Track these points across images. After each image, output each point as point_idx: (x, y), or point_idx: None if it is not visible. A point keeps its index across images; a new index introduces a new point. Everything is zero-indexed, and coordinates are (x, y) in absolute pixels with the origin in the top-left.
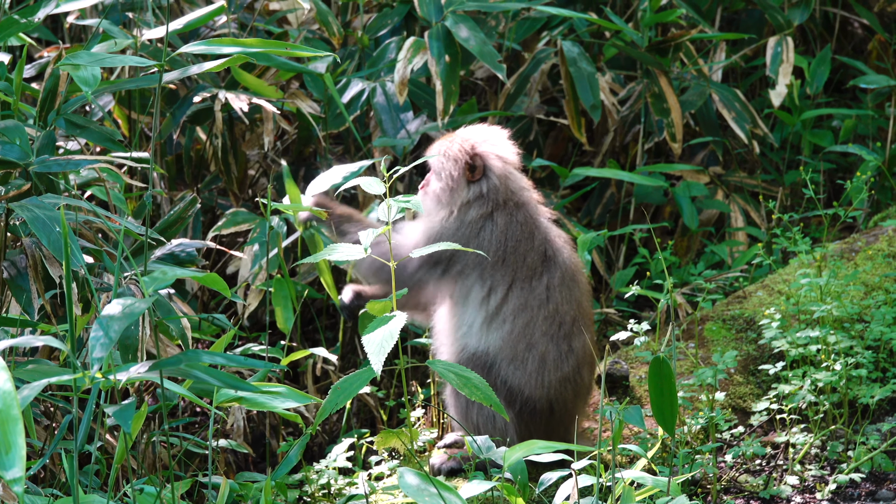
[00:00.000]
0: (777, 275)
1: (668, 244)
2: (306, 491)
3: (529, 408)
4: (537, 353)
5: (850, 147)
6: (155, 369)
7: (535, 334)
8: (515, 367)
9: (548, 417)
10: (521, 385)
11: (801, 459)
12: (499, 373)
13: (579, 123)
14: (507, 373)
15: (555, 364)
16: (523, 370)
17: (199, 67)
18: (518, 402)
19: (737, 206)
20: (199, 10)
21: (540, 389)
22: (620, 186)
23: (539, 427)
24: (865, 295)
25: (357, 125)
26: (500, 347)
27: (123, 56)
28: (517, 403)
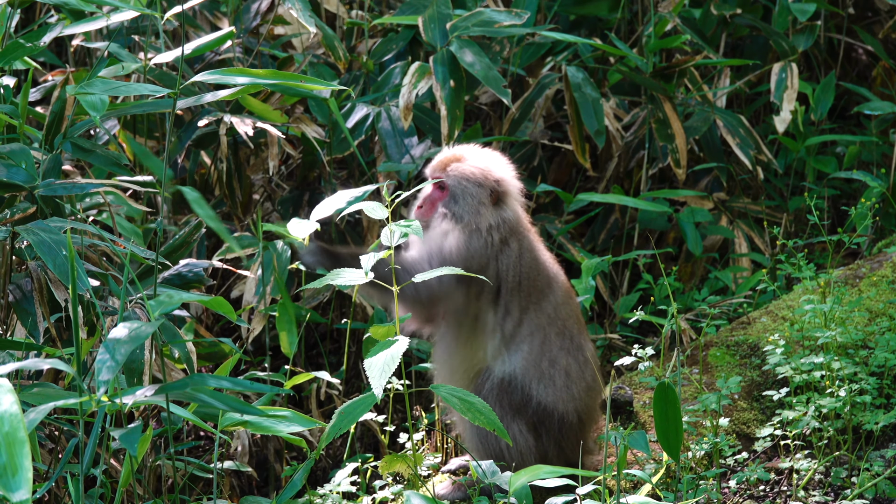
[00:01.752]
0: (781, 301)
1: (672, 270)
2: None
3: (565, 424)
4: (560, 368)
5: (855, 173)
6: (161, 393)
7: (553, 350)
8: (545, 385)
9: (577, 430)
10: (555, 402)
11: (804, 485)
12: (531, 394)
13: (583, 149)
14: (539, 393)
15: (578, 375)
16: (553, 387)
17: (213, 96)
18: (555, 420)
19: (741, 232)
20: (207, 35)
21: (571, 403)
22: (624, 212)
23: (571, 442)
24: (870, 321)
25: (361, 150)
26: (526, 368)
27: (136, 84)
28: (554, 422)
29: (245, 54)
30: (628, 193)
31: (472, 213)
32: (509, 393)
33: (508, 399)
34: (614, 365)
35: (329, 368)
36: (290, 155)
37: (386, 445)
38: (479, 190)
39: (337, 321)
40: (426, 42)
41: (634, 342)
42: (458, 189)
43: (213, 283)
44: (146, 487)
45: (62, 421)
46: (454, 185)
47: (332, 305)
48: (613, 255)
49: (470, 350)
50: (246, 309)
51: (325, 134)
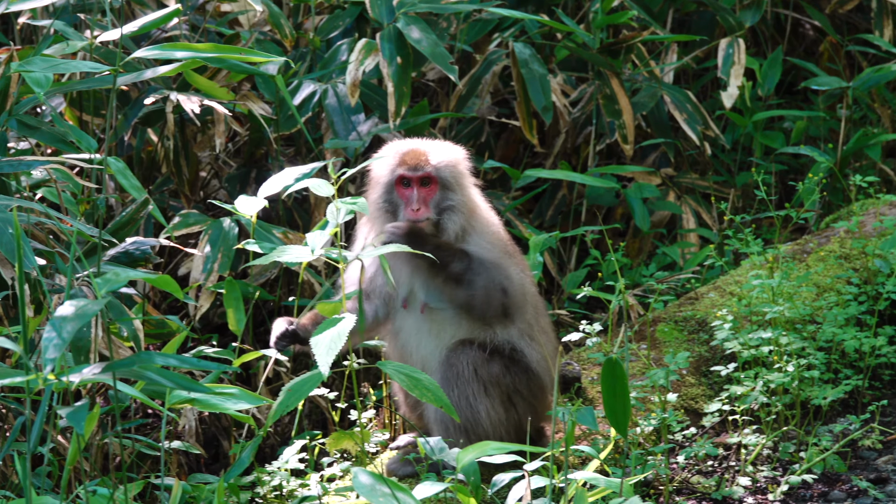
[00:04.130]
0: (729, 276)
1: (619, 246)
2: (258, 493)
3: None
4: (540, 327)
5: (802, 148)
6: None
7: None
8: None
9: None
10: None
11: (753, 460)
12: (524, 357)
13: (531, 125)
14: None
15: (552, 334)
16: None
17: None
18: (539, 382)
19: (688, 208)
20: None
21: (551, 360)
22: (572, 188)
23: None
24: (817, 296)
25: (309, 127)
26: (522, 331)
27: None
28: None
29: (192, 31)
30: (576, 169)
31: (477, 196)
32: (502, 359)
33: (487, 370)
34: (562, 341)
35: None
36: (237, 132)
37: (335, 422)
38: (468, 174)
39: (285, 298)
40: (373, 19)
41: (582, 318)
42: (451, 179)
43: (160, 261)
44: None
45: (9, 399)
46: (447, 176)
47: (279, 282)
48: (561, 231)
49: (472, 323)
50: (193, 286)
51: (272, 111)
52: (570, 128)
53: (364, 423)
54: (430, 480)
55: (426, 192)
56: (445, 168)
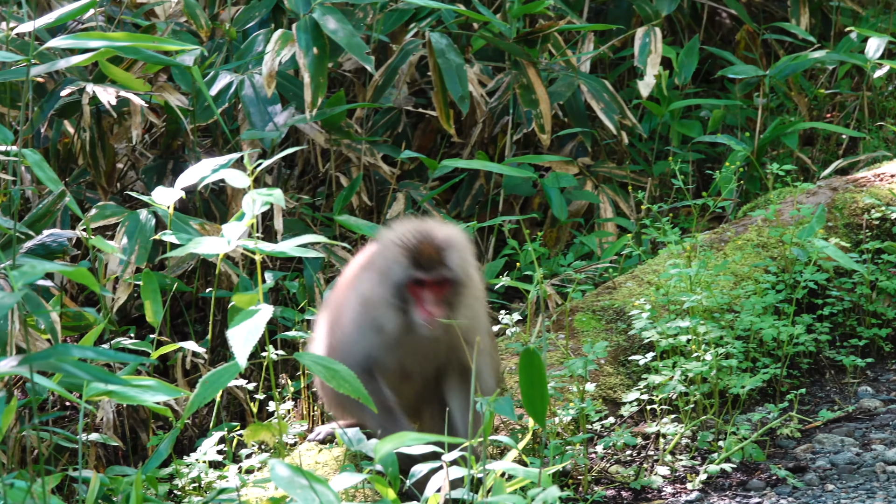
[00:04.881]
0: (647, 265)
1: (537, 235)
2: (177, 485)
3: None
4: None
5: (719, 137)
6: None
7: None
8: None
9: None
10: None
11: (671, 450)
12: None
13: (448, 115)
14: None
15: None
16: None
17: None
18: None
19: (606, 197)
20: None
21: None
22: (489, 178)
23: None
24: (735, 285)
25: (225, 118)
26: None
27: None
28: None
29: (108, 23)
30: (493, 159)
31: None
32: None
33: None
34: None
35: (195, 337)
36: (154, 124)
37: (253, 414)
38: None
39: (202, 290)
40: (289, 9)
41: (500, 308)
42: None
43: (77, 253)
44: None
45: None
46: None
47: (197, 274)
48: (478, 221)
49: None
50: (111, 279)
51: (189, 102)
52: (487, 118)
53: (282, 415)
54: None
55: (440, 291)
56: (460, 268)
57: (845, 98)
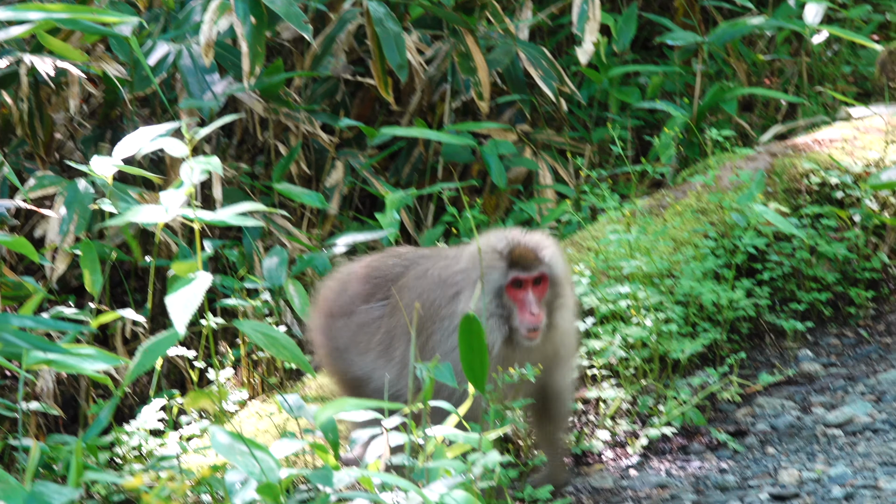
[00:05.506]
0: (586, 231)
1: (476, 202)
2: (118, 452)
3: None
4: None
5: (658, 104)
6: None
7: None
8: None
9: None
10: None
11: (612, 415)
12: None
13: (386, 83)
14: None
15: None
16: None
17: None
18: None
19: (545, 164)
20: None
21: None
22: (428, 146)
23: None
24: (675, 250)
25: (163, 87)
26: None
27: None
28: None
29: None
30: (432, 127)
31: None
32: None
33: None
34: None
35: (134, 306)
36: (92, 94)
37: (193, 382)
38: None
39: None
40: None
41: None
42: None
43: (16, 223)
44: None
45: None
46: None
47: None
48: (417, 189)
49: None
50: (50, 248)
51: (127, 72)
52: (426, 85)
53: (222, 383)
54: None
55: (539, 291)
56: (556, 264)
57: (784, 64)
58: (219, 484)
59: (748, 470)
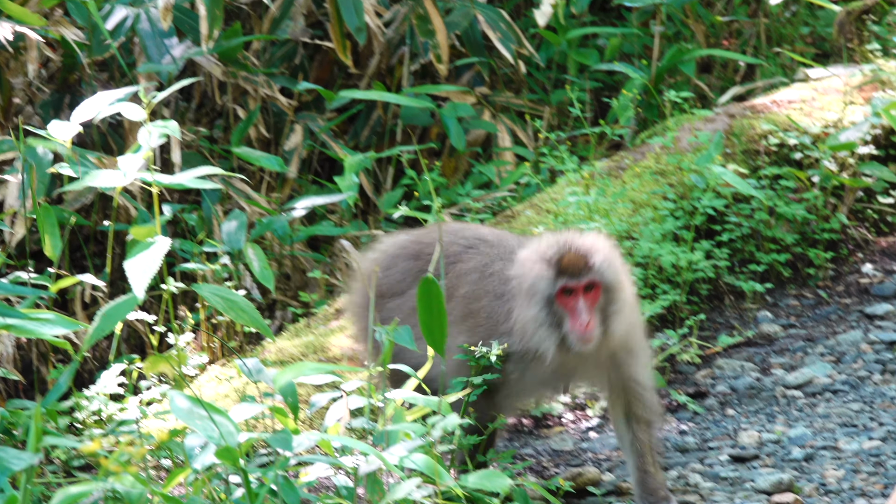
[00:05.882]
0: (545, 193)
1: (435, 165)
2: (77, 417)
3: None
4: None
5: (616, 65)
6: None
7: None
8: None
9: None
10: None
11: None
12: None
13: (344, 46)
14: None
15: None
16: None
17: None
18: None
19: (503, 126)
20: None
21: None
22: (387, 108)
23: None
24: (634, 212)
25: (122, 52)
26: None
27: None
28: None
29: None
30: (390, 90)
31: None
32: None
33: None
34: None
35: (93, 271)
36: (50, 58)
37: (153, 346)
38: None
39: (100, 223)
40: None
41: None
42: (614, 280)
43: None
44: None
45: None
46: (610, 278)
47: (94, 208)
48: (376, 152)
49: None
50: (8, 213)
51: (85, 36)
52: (384, 48)
53: (181, 347)
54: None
55: (591, 298)
56: (608, 270)
57: (742, 25)
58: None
59: (708, 431)
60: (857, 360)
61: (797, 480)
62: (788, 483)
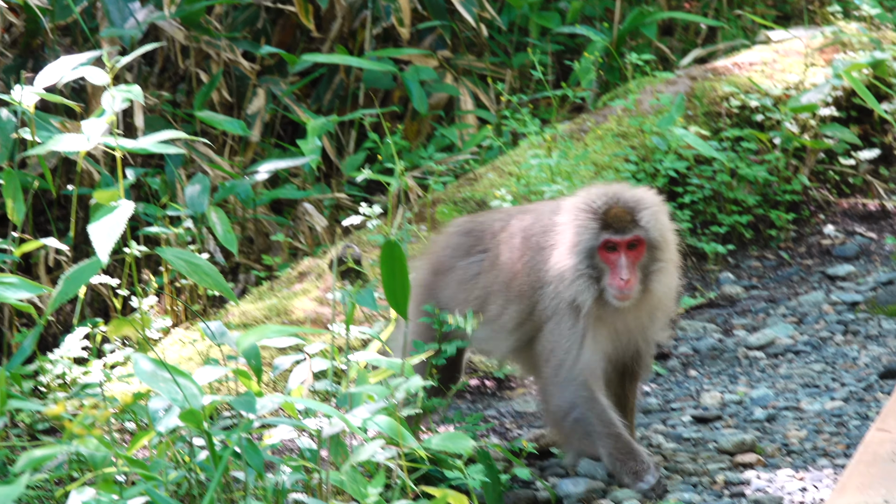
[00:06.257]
0: (507, 156)
1: (398, 128)
2: (41, 381)
3: None
4: None
5: (578, 28)
6: None
7: None
8: None
9: None
10: None
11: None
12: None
13: (307, 10)
14: None
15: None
16: None
17: None
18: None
19: (466, 90)
20: None
21: None
22: (349, 72)
23: None
24: (596, 174)
25: (84, 16)
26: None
27: None
28: None
29: None
30: (352, 54)
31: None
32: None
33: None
34: (342, 224)
35: (57, 235)
36: (13, 23)
37: (117, 310)
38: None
39: (64, 187)
40: None
41: (362, 201)
42: (659, 238)
43: None
44: None
45: None
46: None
47: (58, 171)
48: (339, 115)
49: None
50: None
51: (48, 1)
52: (347, 12)
53: (145, 310)
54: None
55: (634, 255)
56: (654, 227)
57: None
58: (142, 411)
59: (670, 392)
60: (818, 321)
61: (759, 441)
62: (751, 443)
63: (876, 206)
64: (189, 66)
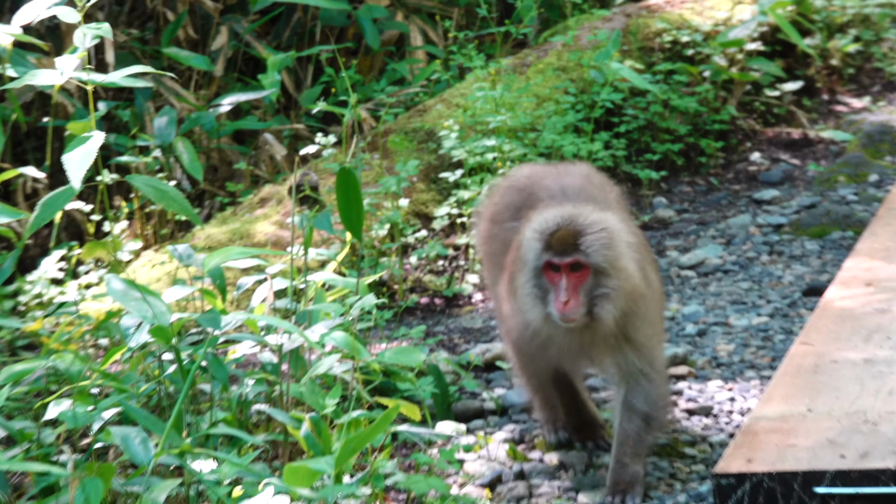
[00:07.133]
0: (455, 89)
1: (352, 63)
2: (21, 300)
3: None
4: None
5: None
6: None
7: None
8: None
9: None
10: None
11: (480, 260)
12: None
13: None
14: None
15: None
16: None
17: None
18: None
19: (416, 27)
20: None
21: None
22: (306, 10)
23: None
24: (537, 106)
25: None
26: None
27: None
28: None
29: None
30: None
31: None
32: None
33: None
34: (300, 153)
35: (34, 164)
36: None
37: (90, 234)
38: (624, 244)
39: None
40: None
41: (318, 131)
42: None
43: None
44: None
45: None
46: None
47: (35, 105)
48: (297, 51)
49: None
50: None
51: None
52: None
53: (117, 234)
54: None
55: (577, 278)
56: (597, 251)
57: None
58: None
59: None
60: (746, 243)
61: (691, 354)
62: (683, 357)
63: (799, 134)
64: (156, 5)
